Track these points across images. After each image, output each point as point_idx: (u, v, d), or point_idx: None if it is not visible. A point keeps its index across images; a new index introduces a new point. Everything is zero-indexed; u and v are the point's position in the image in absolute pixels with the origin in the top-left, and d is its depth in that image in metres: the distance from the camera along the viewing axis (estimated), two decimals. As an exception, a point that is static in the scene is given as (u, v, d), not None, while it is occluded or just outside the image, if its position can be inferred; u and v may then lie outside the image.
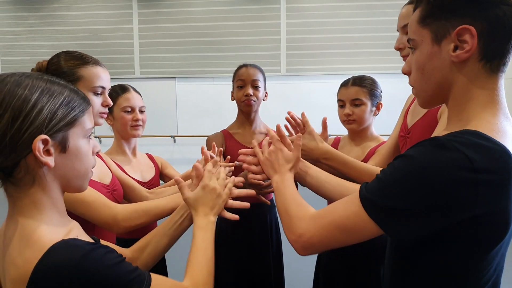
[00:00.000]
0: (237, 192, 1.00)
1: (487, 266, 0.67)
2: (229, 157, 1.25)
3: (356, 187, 0.98)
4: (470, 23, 0.66)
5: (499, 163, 0.61)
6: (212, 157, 1.09)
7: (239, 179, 1.04)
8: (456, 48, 0.68)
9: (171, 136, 6.15)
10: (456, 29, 0.67)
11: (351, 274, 1.54)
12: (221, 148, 1.27)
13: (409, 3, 1.21)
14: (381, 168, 1.17)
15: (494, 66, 0.68)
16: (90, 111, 0.75)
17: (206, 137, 1.79)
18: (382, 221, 0.66)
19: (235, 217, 0.97)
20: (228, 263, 1.71)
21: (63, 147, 0.68)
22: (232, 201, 0.98)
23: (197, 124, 6.04)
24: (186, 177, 1.50)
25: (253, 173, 1.08)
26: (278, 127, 1.08)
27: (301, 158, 1.04)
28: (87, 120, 0.73)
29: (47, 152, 0.66)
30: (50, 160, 0.66)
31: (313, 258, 1.64)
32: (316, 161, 1.18)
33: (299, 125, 1.25)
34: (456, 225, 0.63)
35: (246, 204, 0.99)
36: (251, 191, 1.02)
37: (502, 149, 0.62)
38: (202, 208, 0.93)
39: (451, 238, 0.65)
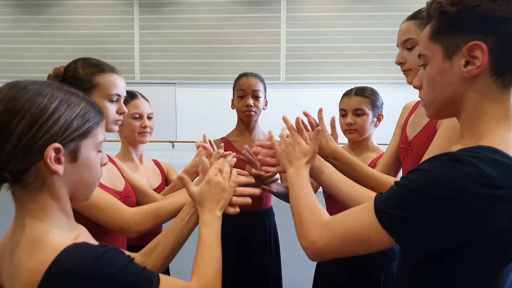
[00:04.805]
0: (240, 190, 0.98)
1: (501, 281, 0.66)
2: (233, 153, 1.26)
3: (367, 192, 0.99)
4: (481, 39, 0.66)
5: None
6: (205, 147, 1.13)
7: (245, 180, 1.02)
8: (467, 63, 0.68)
9: (170, 142, 6.16)
10: (467, 45, 0.67)
11: (351, 282, 1.54)
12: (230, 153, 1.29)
13: (408, 18, 1.21)
14: (385, 175, 1.19)
15: (506, 81, 0.68)
16: (103, 124, 0.77)
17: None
18: (397, 232, 0.66)
19: (236, 210, 0.96)
20: (225, 271, 1.70)
21: (73, 156, 0.70)
22: (235, 197, 0.97)
23: (196, 130, 6.02)
24: (186, 173, 1.52)
25: (268, 165, 1.09)
26: (297, 119, 1.08)
27: (318, 156, 1.04)
28: (100, 133, 0.75)
29: (58, 160, 0.67)
30: (60, 168, 0.67)
31: (312, 265, 1.65)
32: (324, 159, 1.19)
33: (311, 124, 1.23)
34: (471, 240, 0.62)
35: (248, 200, 0.98)
36: (255, 191, 1.01)
37: None
38: (208, 203, 0.92)
39: (465, 253, 0.64)
